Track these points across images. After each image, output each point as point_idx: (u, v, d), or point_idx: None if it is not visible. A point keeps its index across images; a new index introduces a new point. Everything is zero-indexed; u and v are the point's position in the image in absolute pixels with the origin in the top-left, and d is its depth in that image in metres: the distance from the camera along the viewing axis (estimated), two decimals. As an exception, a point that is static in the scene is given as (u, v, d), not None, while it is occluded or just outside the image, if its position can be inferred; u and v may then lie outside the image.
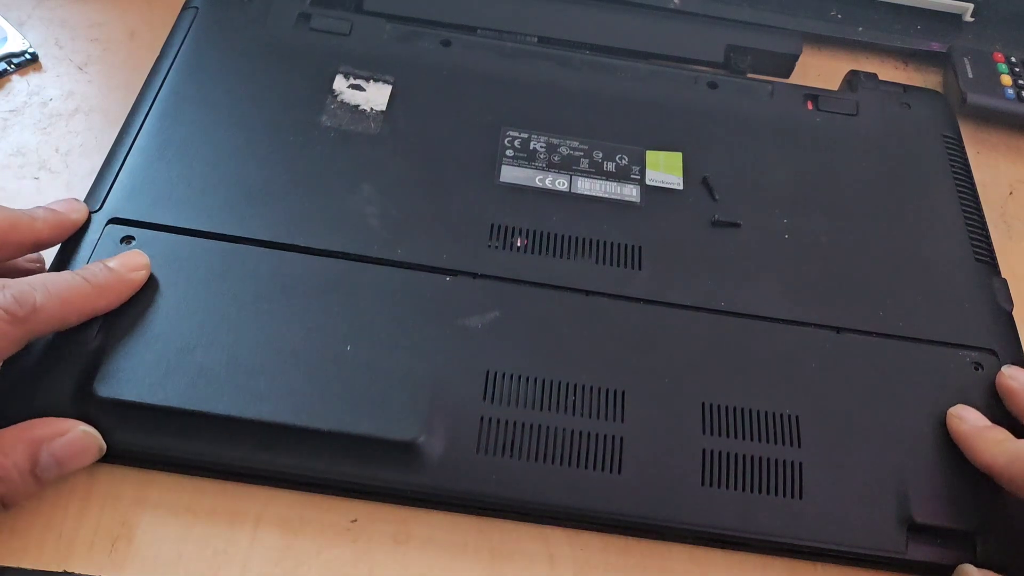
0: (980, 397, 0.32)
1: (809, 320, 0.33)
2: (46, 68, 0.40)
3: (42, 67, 0.40)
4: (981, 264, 0.36)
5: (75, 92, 0.39)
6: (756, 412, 0.30)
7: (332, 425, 0.28)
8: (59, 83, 0.40)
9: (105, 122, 0.38)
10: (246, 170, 0.34)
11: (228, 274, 0.31)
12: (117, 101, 0.39)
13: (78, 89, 0.40)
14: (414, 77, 0.38)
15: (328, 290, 0.31)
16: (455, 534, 0.29)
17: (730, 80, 0.42)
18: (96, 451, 0.27)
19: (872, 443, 0.30)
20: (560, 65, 0.41)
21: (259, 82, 0.37)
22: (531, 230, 0.34)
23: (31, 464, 0.26)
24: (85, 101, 0.39)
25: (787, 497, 0.29)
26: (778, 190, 0.37)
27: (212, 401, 0.28)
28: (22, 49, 0.40)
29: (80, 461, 0.27)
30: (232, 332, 0.29)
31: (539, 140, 0.37)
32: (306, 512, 0.29)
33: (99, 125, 0.38)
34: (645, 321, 0.32)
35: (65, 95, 0.39)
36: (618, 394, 0.30)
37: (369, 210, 0.34)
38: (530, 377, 0.30)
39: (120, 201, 0.32)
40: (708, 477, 0.29)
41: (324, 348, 0.29)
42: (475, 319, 0.31)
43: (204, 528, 0.28)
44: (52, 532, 0.27)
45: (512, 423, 0.29)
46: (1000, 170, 0.44)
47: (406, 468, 0.28)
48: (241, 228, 0.32)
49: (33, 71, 0.40)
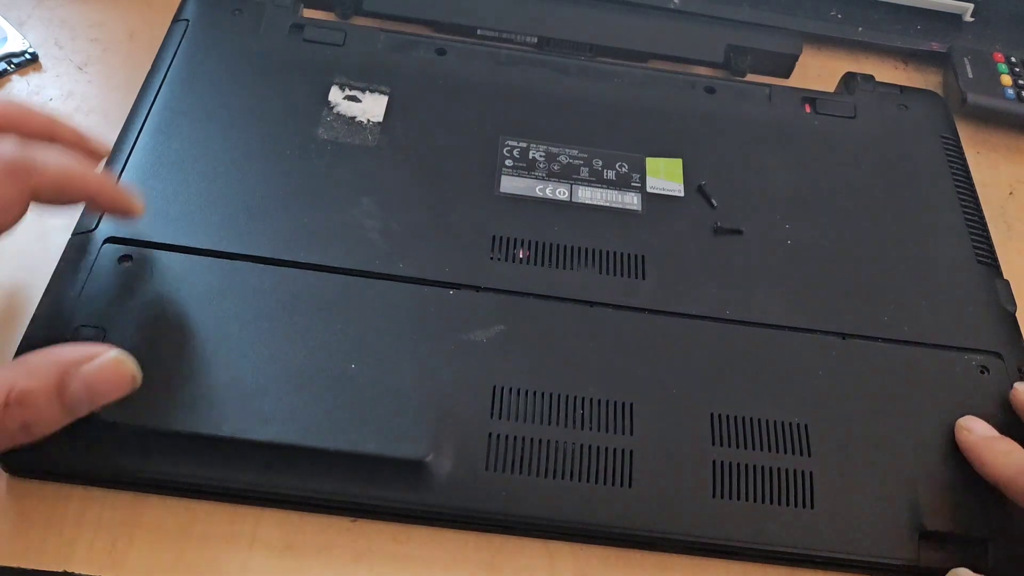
0: (986, 401, 0.32)
1: (814, 327, 0.33)
2: (46, 68, 0.40)
3: (42, 67, 0.40)
4: (983, 266, 0.36)
5: (75, 92, 0.39)
6: (765, 422, 0.30)
7: (339, 445, 0.28)
8: (59, 83, 0.39)
9: (105, 122, 0.38)
10: (243, 185, 0.33)
11: (228, 292, 0.30)
12: (117, 101, 0.38)
13: (78, 89, 0.39)
14: (410, 87, 0.38)
15: (330, 307, 0.31)
16: (456, 534, 0.29)
17: (728, 84, 0.42)
18: (129, 381, 0.26)
19: (881, 450, 0.30)
20: (557, 72, 0.40)
21: (253, 95, 0.36)
22: (533, 241, 0.34)
23: (59, 389, 0.24)
24: (85, 101, 0.39)
25: (798, 507, 0.29)
26: (779, 195, 0.37)
27: (216, 423, 0.27)
28: (22, 49, 0.40)
29: (112, 390, 0.25)
30: (234, 352, 0.29)
31: (538, 149, 0.37)
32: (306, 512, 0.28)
33: (99, 125, 0.38)
34: (651, 332, 0.32)
35: (65, 95, 0.39)
36: (626, 407, 0.30)
37: (369, 224, 0.33)
38: (537, 392, 0.30)
39: (116, 221, 0.32)
40: (719, 489, 0.29)
41: (328, 366, 0.29)
42: (480, 333, 0.31)
43: (204, 527, 0.28)
44: (52, 532, 0.27)
45: (521, 439, 0.29)
46: (1000, 170, 0.44)
47: (415, 487, 0.28)
48: (239, 245, 0.32)
49: (33, 71, 0.40)
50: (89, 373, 0.25)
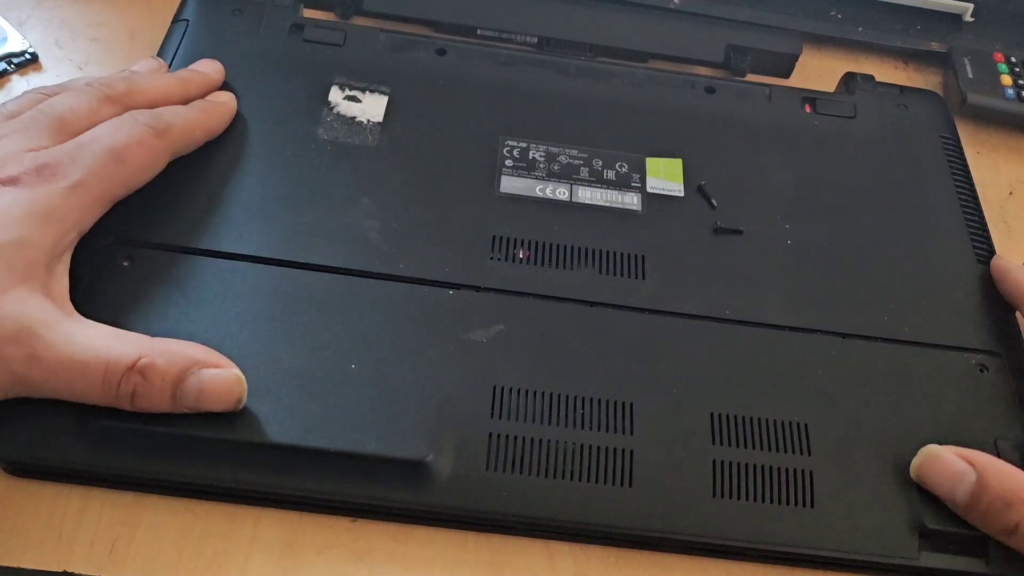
0: (985, 399, 0.32)
1: (814, 327, 0.33)
2: (46, 68, 0.40)
3: (42, 67, 0.40)
4: (983, 266, 0.36)
5: (75, 92, 0.39)
6: (765, 421, 0.30)
7: (339, 445, 0.28)
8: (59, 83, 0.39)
9: (105, 122, 0.38)
10: (243, 186, 0.33)
11: (228, 293, 0.30)
12: (117, 101, 0.38)
13: (78, 89, 0.39)
14: (410, 87, 0.38)
15: (330, 307, 0.31)
16: (456, 534, 0.29)
17: (728, 84, 0.42)
18: (236, 402, 0.27)
19: (881, 449, 0.30)
20: (557, 72, 0.40)
21: (253, 95, 0.36)
22: (533, 241, 0.34)
23: (177, 380, 0.26)
24: (85, 101, 0.39)
25: (799, 506, 0.29)
26: (779, 195, 0.37)
27: (216, 424, 0.27)
28: (22, 49, 0.39)
29: (218, 401, 0.27)
30: (233, 353, 0.29)
31: (538, 149, 0.37)
32: (306, 512, 0.28)
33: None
34: (651, 331, 0.32)
35: (66, 95, 0.39)
36: (627, 406, 0.30)
37: (369, 224, 0.33)
38: (538, 391, 0.30)
39: (117, 222, 0.32)
40: (719, 488, 0.29)
41: (328, 367, 0.29)
42: (480, 333, 0.31)
43: (204, 527, 0.28)
44: (52, 532, 0.27)
45: (521, 439, 0.29)
46: (1000, 170, 0.44)
47: (415, 487, 0.28)
48: (240, 245, 0.32)
49: (33, 71, 0.40)
50: (208, 379, 0.26)
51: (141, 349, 0.26)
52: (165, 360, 0.26)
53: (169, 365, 0.26)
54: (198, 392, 0.26)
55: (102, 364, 0.26)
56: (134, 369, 0.26)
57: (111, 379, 0.26)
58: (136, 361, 0.26)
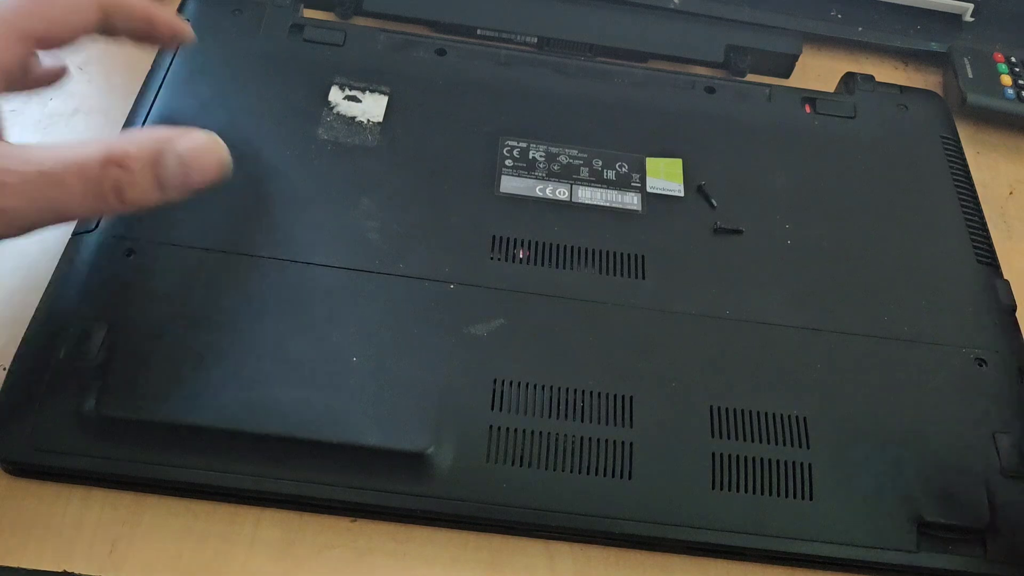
0: (984, 394, 0.32)
1: (814, 327, 0.33)
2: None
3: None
4: (983, 266, 0.36)
5: (75, 92, 0.39)
6: (764, 414, 0.30)
7: (340, 437, 0.28)
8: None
9: (105, 122, 0.38)
10: (244, 185, 0.33)
11: (231, 287, 0.30)
12: (117, 101, 0.38)
13: (78, 89, 0.39)
14: (410, 87, 0.38)
15: (332, 301, 0.31)
16: (456, 534, 0.29)
17: (728, 84, 0.42)
18: (221, 164, 0.25)
19: (880, 442, 0.30)
20: (556, 72, 0.40)
21: (253, 95, 0.36)
22: (533, 241, 0.34)
23: (155, 160, 0.24)
24: (85, 101, 0.39)
25: (797, 499, 0.29)
26: (779, 195, 0.37)
27: (218, 416, 0.28)
28: None
29: (204, 168, 0.25)
30: (236, 346, 0.29)
31: (538, 149, 0.37)
32: (306, 512, 0.28)
33: (99, 125, 0.38)
34: (651, 325, 0.32)
35: (65, 95, 0.39)
36: (626, 399, 0.30)
37: (369, 224, 0.33)
38: (537, 384, 0.30)
39: (118, 218, 0.32)
40: (718, 480, 0.29)
41: (330, 360, 0.29)
42: (480, 327, 0.31)
43: (204, 527, 0.28)
44: (52, 532, 0.27)
45: (521, 431, 0.29)
46: (1000, 170, 0.44)
47: (416, 480, 0.28)
48: (241, 245, 0.32)
49: (32, 70, 0.40)
50: (185, 150, 0.25)
51: (106, 145, 0.24)
52: (135, 146, 0.24)
53: (141, 148, 0.24)
54: (181, 167, 0.25)
55: (75, 168, 0.24)
56: (109, 162, 0.24)
57: (89, 179, 0.24)
58: (107, 155, 0.24)
